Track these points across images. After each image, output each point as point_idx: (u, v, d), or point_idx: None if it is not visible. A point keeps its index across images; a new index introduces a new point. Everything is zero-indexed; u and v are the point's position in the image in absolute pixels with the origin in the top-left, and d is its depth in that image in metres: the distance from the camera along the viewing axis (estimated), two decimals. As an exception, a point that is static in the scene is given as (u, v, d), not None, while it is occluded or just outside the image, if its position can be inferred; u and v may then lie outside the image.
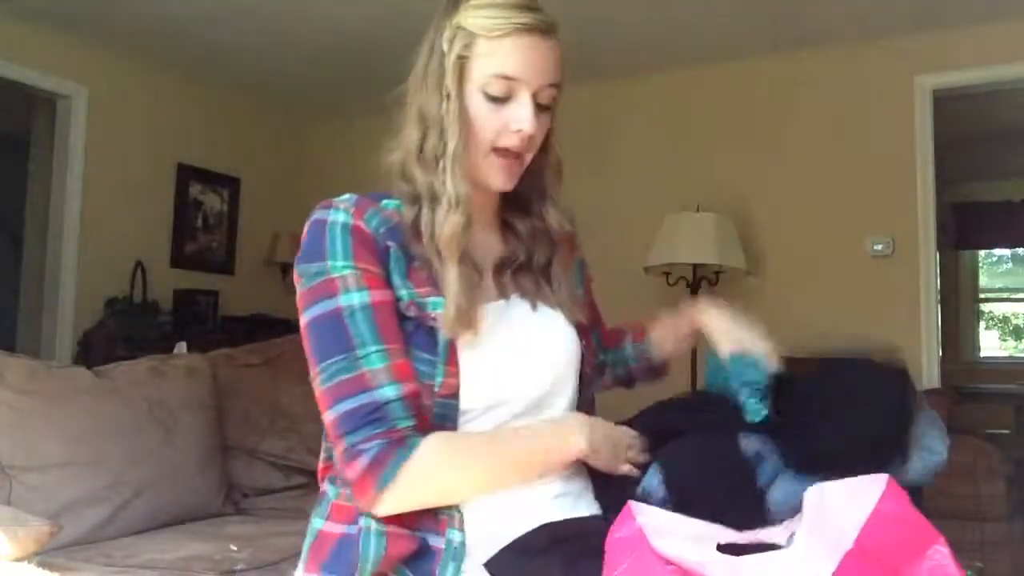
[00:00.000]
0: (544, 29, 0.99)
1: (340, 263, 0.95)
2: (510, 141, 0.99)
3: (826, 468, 1.48)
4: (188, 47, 4.17)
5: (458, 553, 0.93)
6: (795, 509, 1.51)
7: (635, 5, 3.52)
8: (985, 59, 3.65)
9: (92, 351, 3.86)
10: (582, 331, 1.10)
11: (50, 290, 4.07)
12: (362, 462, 0.90)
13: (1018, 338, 7.09)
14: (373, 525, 0.94)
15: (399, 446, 0.90)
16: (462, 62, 0.98)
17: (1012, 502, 2.80)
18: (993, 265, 7.11)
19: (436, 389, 0.95)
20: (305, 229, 0.99)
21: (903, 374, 1.27)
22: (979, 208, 6.38)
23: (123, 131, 4.32)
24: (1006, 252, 6.95)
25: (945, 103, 3.82)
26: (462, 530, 0.94)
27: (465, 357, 0.96)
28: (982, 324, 6.88)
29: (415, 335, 0.96)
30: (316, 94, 4.85)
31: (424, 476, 0.91)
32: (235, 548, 1.75)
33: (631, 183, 4.35)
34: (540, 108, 1.01)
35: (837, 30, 3.77)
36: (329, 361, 0.93)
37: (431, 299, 0.96)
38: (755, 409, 1.08)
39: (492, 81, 0.97)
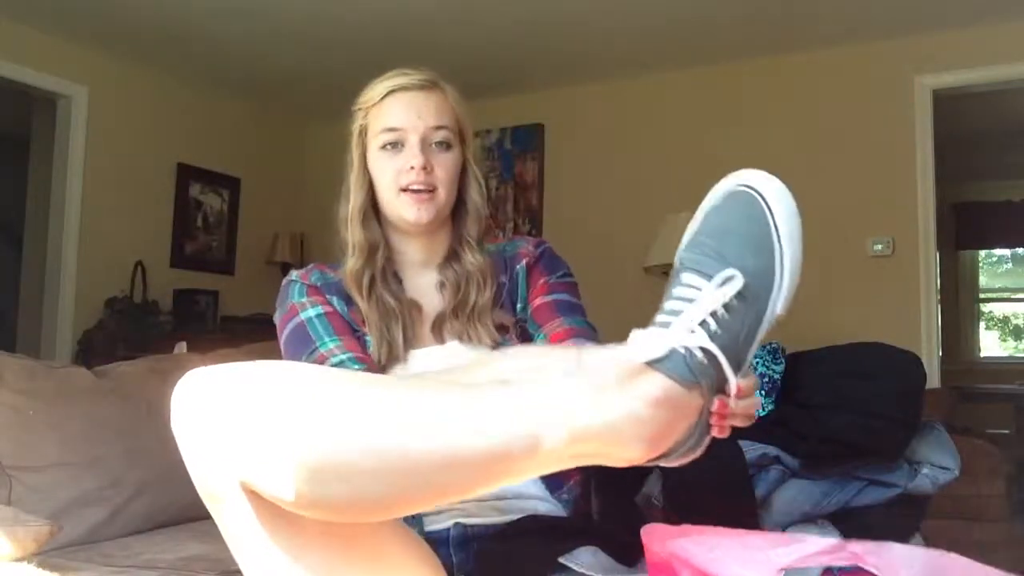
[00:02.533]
0: (419, 86, 1.19)
1: (297, 298, 1.23)
2: (409, 178, 1.16)
3: (836, 456, 1.48)
4: (188, 47, 4.17)
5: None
6: (799, 515, 1.51)
7: (635, 6, 3.52)
8: (985, 59, 3.65)
9: (92, 351, 3.86)
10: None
11: (50, 290, 4.07)
12: None
13: (1018, 338, 7.09)
14: None
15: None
16: (362, 131, 1.21)
17: (1012, 502, 2.81)
18: (993, 265, 7.11)
19: None
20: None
21: (916, 360, 1.28)
22: (979, 208, 6.38)
23: (123, 131, 4.32)
24: (1006, 252, 6.95)
25: (945, 103, 3.82)
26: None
27: None
28: (982, 324, 6.88)
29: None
30: (316, 94, 4.85)
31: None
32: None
33: (631, 183, 4.35)
34: (440, 147, 1.18)
35: (837, 30, 3.77)
36: (295, 358, 1.11)
37: (367, 336, 1.17)
38: (763, 403, 1.08)
39: (383, 135, 1.18)
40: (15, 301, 4.38)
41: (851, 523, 1.52)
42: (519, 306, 1.23)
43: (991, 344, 7.02)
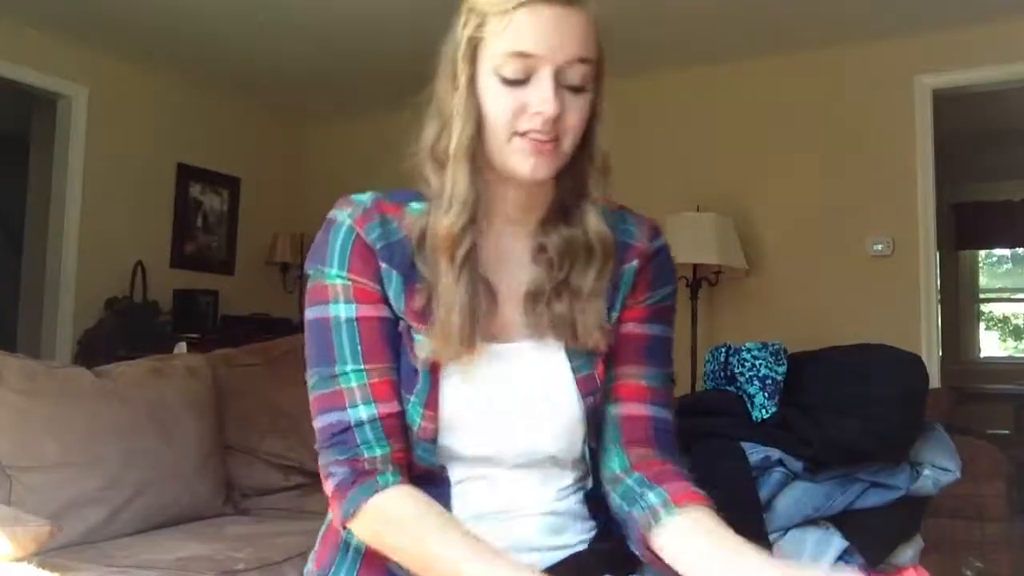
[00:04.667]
0: (565, 0, 0.87)
1: (335, 271, 0.91)
2: (531, 124, 0.86)
3: (840, 457, 1.48)
4: (188, 47, 4.17)
5: None
6: (801, 518, 1.51)
7: (635, 5, 3.52)
8: (985, 59, 3.65)
9: (92, 351, 3.86)
10: (601, 364, 0.95)
11: (50, 290, 4.07)
12: (329, 485, 0.89)
13: (1018, 338, 7.09)
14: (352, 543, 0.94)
15: (362, 481, 0.87)
16: (473, 45, 0.88)
17: (1012, 502, 2.80)
18: (993, 265, 7.11)
19: (415, 430, 0.90)
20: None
21: (918, 361, 1.26)
22: (979, 208, 6.38)
23: (123, 131, 4.32)
24: (1006, 252, 6.95)
25: (945, 103, 3.82)
26: None
27: (450, 402, 0.90)
28: (982, 324, 6.87)
29: (403, 366, 0.91)
30: (316, 94, 4.85)
31: (373, 531, 0.87)
32: None
33: (631, 183, 4.34)
34: (571, 90, 0.89)
35: (837, 30, 3.77)
36: (314, 369, 0.92)
37: (418, 335, 0.90)
38: (766, 405, 1.08)
39: (506, 61, 0.85)
40: (15, 301, 4.38)
41: (853, 525, 1.52)
42: (613, 314, 0.96)
43: (991, 344, 7.02)
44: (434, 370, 0.90)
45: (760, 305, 3.97)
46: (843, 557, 1.46)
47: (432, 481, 0.92)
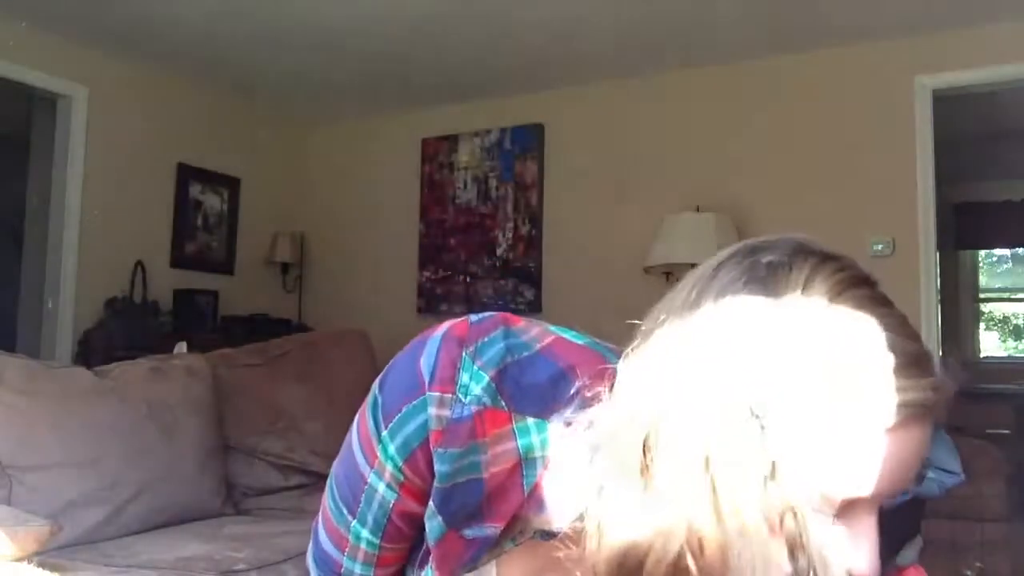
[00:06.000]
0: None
1: (392, 450, 0.73)
2: None
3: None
4: (188, 47, 4.17)
5: None
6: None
7: (635, 5, 3.52)
8: (985, 59, 3.65)
9: (92, 351, 3.86)
10: None
11: (50, 290, 4.07)
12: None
13: (1018, 338, 7.09)
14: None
15: None
16: None
17: (1012, 502, 2.80)
18: (993, 265, 7.11)
19: None
20: (408, 347, 0.75)
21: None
22: (979, 208, 6.37)
23: (123, 131, 4.32)
24: (1006, 252, 6.95)
25: (945, 103, 3.82)
26: None
27: None
28: (982, 324, 6.88)
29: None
30: (316, 94, 4.85)
31: None
32: None
33: (631, 183, 4.35)
34: None
35: (837, 30, 3.77)
36: (337, 493, 0.81)
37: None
38: None
39: None
40: (15, 301, 4.38)
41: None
42: None
43: (991, 344, 7.02)
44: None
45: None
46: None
47: None
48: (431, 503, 0.73)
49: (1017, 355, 6.99)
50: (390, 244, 5.03)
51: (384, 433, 0.74)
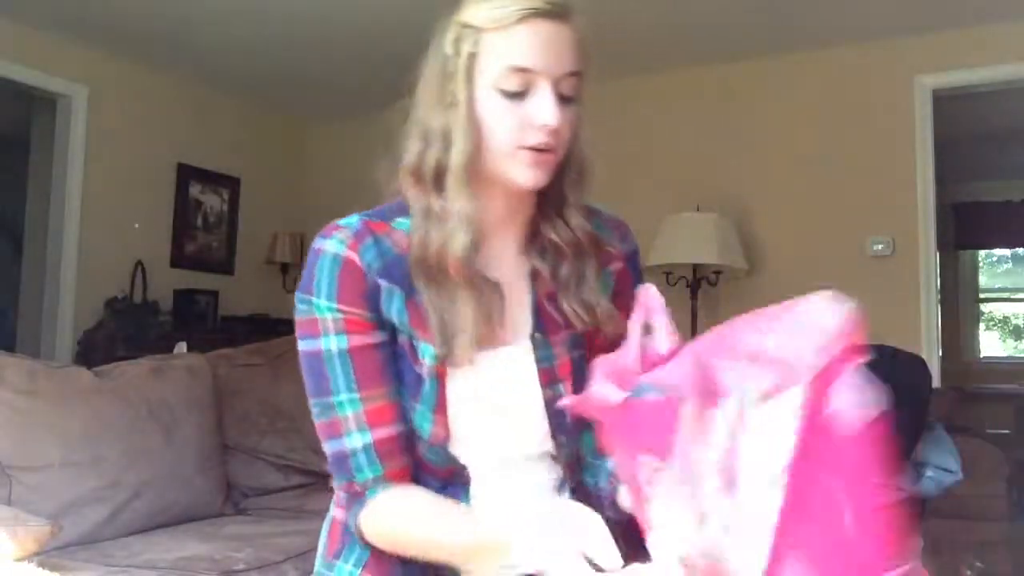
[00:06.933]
0: (558, 13, 0.88)
1: (323, 303, 0.90)
2: (536, 138, 0.88)
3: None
4: (188, 47, 4.17)
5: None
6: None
7: (635, 5, 3.52)
8: (985, 59, 3.65)
9: (92, 351, 3.86)
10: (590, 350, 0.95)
11: (50, 290, 4.07)
12: (337, 504, 0.98)
13: (1018, 338, 7.09)
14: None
15: (356, 500, 0.92)
16: (471, 61, 0.89)
17: (1012, 502, 2.80)
18: (993, 265, 7.11)
19: (426, 438, 0.92)
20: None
21: (921, 363, 1.26)
22: (979, 208, 6.38)
23: (123, 131, 4.32)
24: (1006, 252, 6.95)
25: (945, 103, 3.82)
26: None
27: (458, 404, 0.92)
28: (982, 324, 6.88)
29: (406, 375, 0.92)
30: (316, 94, 4.85)
31: (373, 534, 0.92)
32: None
33: (631, 183, 4.35)
34: (563, 100, 0.89)
35: (837, 30, 3.77)
36: (313, 400, 0.93)
37: (422, 343, 0.91)
38: None
39: (507, 75, 0.87)
40: (15, 301, 4.37)
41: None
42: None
43: (991, 344, 7.02)
44: (440, 376, 0.91)
45: (760, 305, 3.90)
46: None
47: (449, 482, 0.95)
48: None
49: (1017, 355, 6.99)
50: (390, 244, 5.02)
51: (313, 299, 0.91)
